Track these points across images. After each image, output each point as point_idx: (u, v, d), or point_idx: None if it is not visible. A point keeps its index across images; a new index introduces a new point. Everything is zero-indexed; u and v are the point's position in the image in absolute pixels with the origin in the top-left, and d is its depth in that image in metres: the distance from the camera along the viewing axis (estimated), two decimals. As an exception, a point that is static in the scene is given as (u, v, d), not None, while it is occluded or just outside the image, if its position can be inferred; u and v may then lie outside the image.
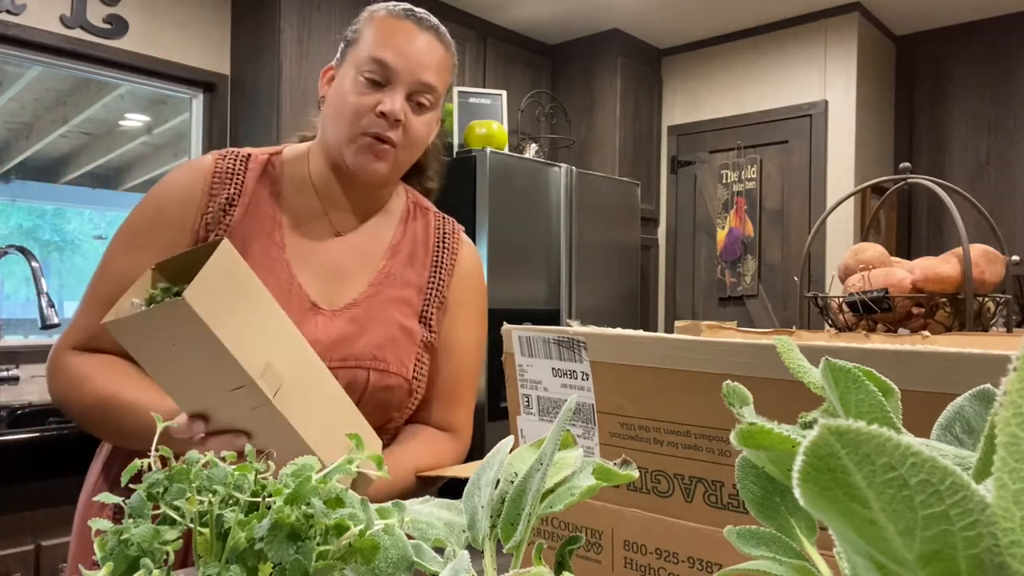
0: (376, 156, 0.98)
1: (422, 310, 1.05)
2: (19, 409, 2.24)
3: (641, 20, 3.74)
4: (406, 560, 0.44)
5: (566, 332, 0.60)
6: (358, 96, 0.97)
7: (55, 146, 4.24)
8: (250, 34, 2.94)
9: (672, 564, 0.55)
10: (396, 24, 1.00)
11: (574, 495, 0.44)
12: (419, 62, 0.98)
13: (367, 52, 0.98)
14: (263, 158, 1.04)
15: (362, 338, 0.98)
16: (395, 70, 0.97)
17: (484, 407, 2.86)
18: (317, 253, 1.02)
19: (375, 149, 0.98)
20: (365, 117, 0.97)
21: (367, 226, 1.07)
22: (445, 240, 1.11)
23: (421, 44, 0.99)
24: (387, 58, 0.97)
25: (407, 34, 0.99)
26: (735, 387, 0.37)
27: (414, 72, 0.98)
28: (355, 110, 0.97)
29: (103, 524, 0.44)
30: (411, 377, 1.02)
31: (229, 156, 1.02)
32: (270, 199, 1.02)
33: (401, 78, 0.97)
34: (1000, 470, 0.21)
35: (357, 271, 1.03)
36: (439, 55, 1.01)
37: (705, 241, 4.01)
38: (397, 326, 1.02)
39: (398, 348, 1.01)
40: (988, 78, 3.65)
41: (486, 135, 3.10)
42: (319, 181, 1.04)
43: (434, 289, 1.07)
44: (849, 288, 1.20)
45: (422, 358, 1.04)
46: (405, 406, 1.03)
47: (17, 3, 2.44)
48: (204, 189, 0.99)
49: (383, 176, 1.01)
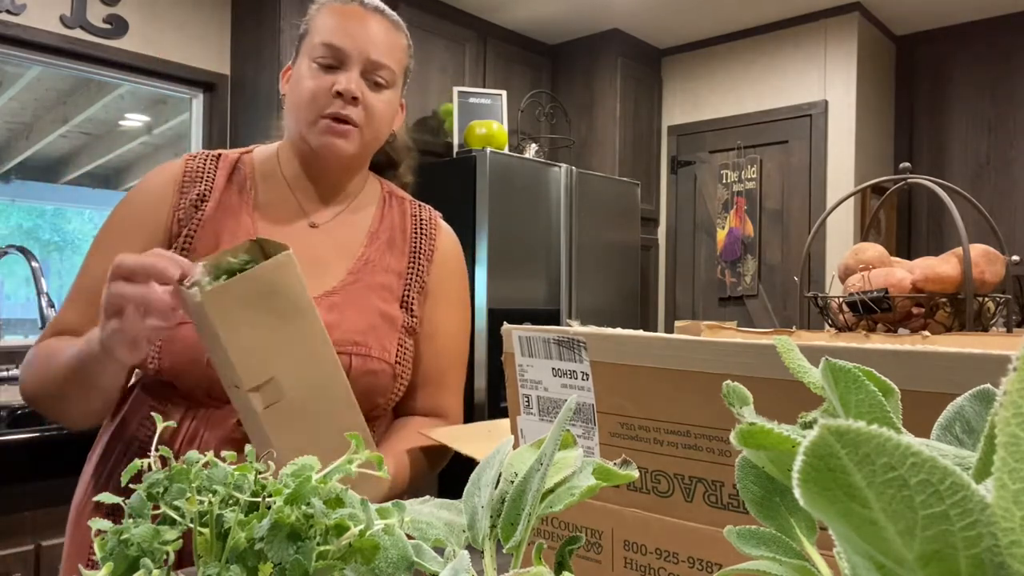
0: (339, 135, 1.01)
1: (403, 295, 1.07)
2: (19, 409, 2.24)
3: (641, 20, 3.74)
4: (406, 560, 0.44)
5: (566, 332, 0.60)
6: (314, 81, 1.00)
7: (55, 146, 4.24)
8: (250, 34, 2.94)
9: (672, 564, 0.55)
10: (343, 9, 1.03)
11: (574, 495, 0.44)
12: (369, 40, 1.01)
13: (318, 39, 1.01)
14: (233, 156, 1.07)
15: (343, 324, 0.99)
16: (346, 51, 1.00)
17: (484, 407, 2.86)
18: (293, 244, 1.03)
19: (337, 129, 1.00)
20: (322, 99, 1.00)
21: (342, 216, 1.09)
22: (423, 226, 1.13)
23: (369, 24, 1.02)
24: (336, 41, 1.00)
25: (355, 17, 1.02)
26: (735, 387, 0.37)
27: (364, 50, 1.01)
28: (312, 94, 1.00)
29: (103, 524, 0.44)
30: (394, 362, 1.03)
31: (199, 156, 1.06)
32: (241, 194, 1.05)
33: (353, 57, 1.00)
34: (1000, 470, 0.21)
35: (335, 260, 1.04)
36: (388, 34, 1.04)
37: (705, 241, 4.01)
38: (377, 312, 1.03)
39: (379, 333, 1.02)
40: (988, 78, 3.65)
41: (486, 135, 3.10)
42: (290, 175, 1.07)
43: (414, 274, 1.08)
44: (849, 288, 1.20)
45: (404, 343, 1.05)
46: (390, 391, 1.03)
47: (17, 3, 2.44)
48: (175, 188, 1.02)
49: (350, 155, 1.03)
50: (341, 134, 1.00)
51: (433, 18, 3.33)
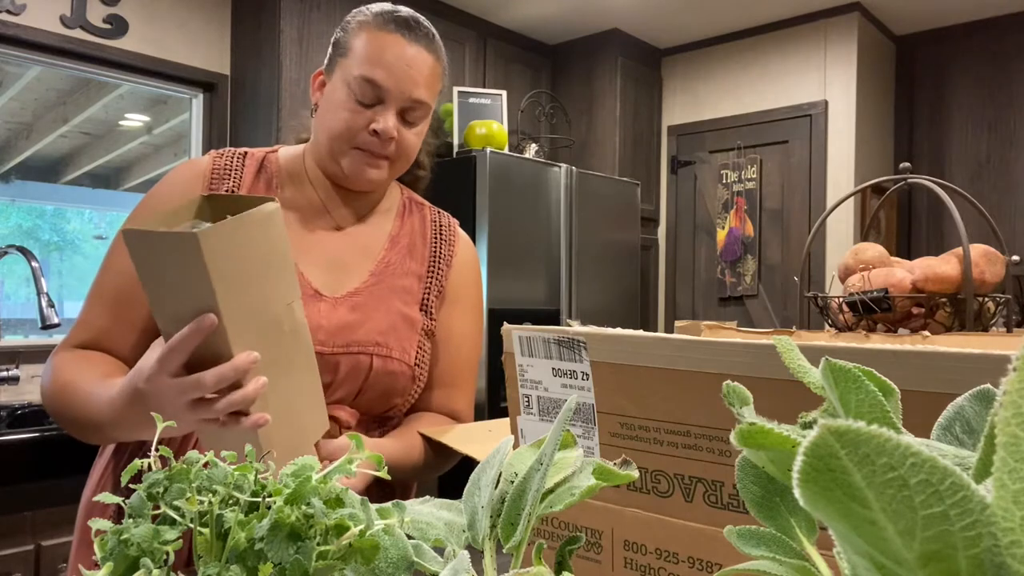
0: (371, 167, 1.01)
1: (422, 298, 1.08)
2: (19, 409, 2.24)
3: (641, 20, 3.74)
4: (406, 560, 0.44)
5: (566, 332, 0.60)
6: (351, 114, 0.98)
7: (55, 146, 4.24)
8: (250, 34, 2.94)
9: (672, 564, 0.55)
10: (385, 39, 0.98)
11: (574, 495, 0.44)
12: (410, 80, 0.99)
13: (357, 70, 0.98)
14: (259, 155, 1.07)
15: (364, 325, 1.00)
16: (386, 89, 0.98)
17: (484, 407, 2.86)
18: (318, 244, 1.05)
19: (370, 162, 1.01)
20: (358, 135, 0.99)
21: (365, 220, 1.10)
22: (442, 232, 1.14)
23: (411, 58, 0.99)
24: (378, 78, 0.97)
25: (397, 50, 0.98)
26: (735, 387, 0.37)
27: (405, 91, 0.99)
28: (348, 127, 0.99)
29: (103, 524, 0.44)
30: (413, 364, 1.04)
31: (227, 154, 1.06)
32: (268, 192, 1.05)
33: (392, 96, 0.98)
34: (1000, 470, 0.21)
35: (358, 262, 1.05)
36: (429, 67, 1.01)
37: (705, 241, 4.01)
38: (399, 314, 1.04)
39: (400, 335, 1.03)
40: (988, 78, 3.65)
41: (486, 135, 3.10)
42: (316, 179, 1.07)
43: (433, 279, 1.10)
44: (849, 288, 1.20)
45: (424, 345, 1.06)
46: (408, 392, 1.05)
47: (17, 3, 2.43)
48: (204, 185, 1.02)
49: (379, 184, 1.05)
50: (374, 165, 1.01)
51: (433, 18, 3.31)
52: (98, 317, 0.98)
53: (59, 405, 0.92)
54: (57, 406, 0.93)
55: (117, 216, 4.74)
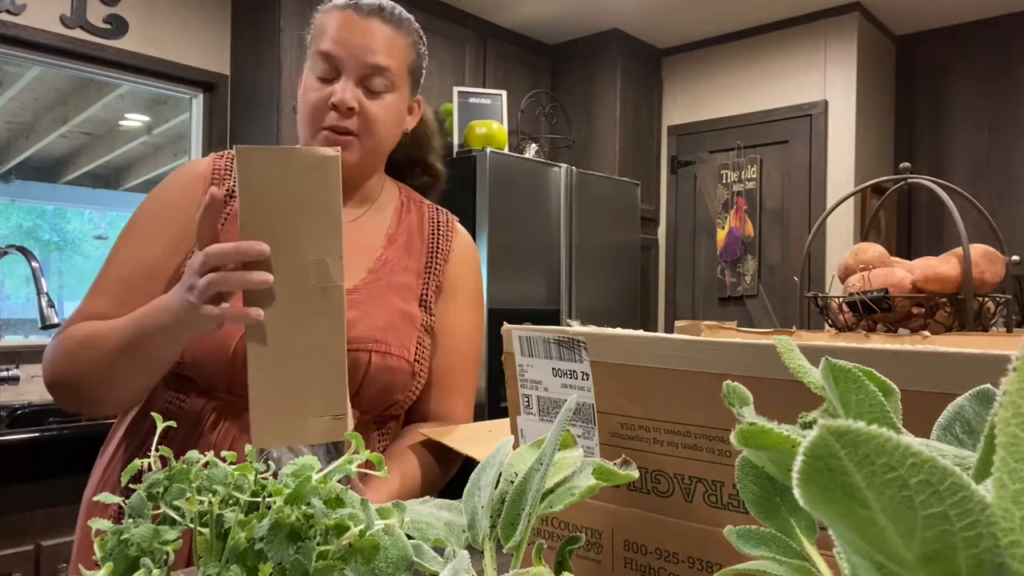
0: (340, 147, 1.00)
1: (421, 294, 1.08)
2: (19, 409, 2.24)
3: (641, 20, 3.74)
4: (406, 560, 0.44)
5: (566, 332, 0.60)
6: (314, 93, 1.01)
7: (55, 146, 4.24)
8: (250, 34, 2.94)
9: (672, 564, 0.55)
10: (337, 16, 1.02)
11: (574, 495, 0.44)
12: (364, 47, 1.00)
13: (314, 49, 1.02)
14: None
15: (363, 321, 1.00)
16: (339, 59, 1.00)
17: (484, 407, 2.86)
18: None
19: (335, 140, 1.00)
20: (321, 112, 1.00)
21: (362, 219, 1.10)
22: (440, 228, 1.14)
23: (365, 28, 1.01)
24: (330, 50, 1.00)
25: (348, 23, 1.01)
26: (735, 387, 0.37)
27: (358, 57, 1.00)
28: (312, 107, 1.01)
29: (103, 524, 0.44)
30: (413, 360, 1.03)
31: (227, 156, 1.07)
32: None
33: (347, 65, 1.00)
34: (1000, 470, 0.21)
35: (356, 259, 1.05)
36: (385, 35, 1.02)
37: (705, 241, 4.01)
38: (397, 310, 1.04)
39: (399, 331, 1.02)
40: (988, 78, 3.65)
41: (486, 135, 3.10)
42: None
43: (431, 274, 1.10)
44: (849, 288, 1.20)
45: (423, 341, 1.06)
46: (409, 388, 1.04)
47: (17, 3, 2.44)
48: (204, 185, 1.03)
49: (351, 165, 1.03)
50: (342, 145, 1.00)
51: (433, 18, 3.33)
52: (100, 305, 0.98)
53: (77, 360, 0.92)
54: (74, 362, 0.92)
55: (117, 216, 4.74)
